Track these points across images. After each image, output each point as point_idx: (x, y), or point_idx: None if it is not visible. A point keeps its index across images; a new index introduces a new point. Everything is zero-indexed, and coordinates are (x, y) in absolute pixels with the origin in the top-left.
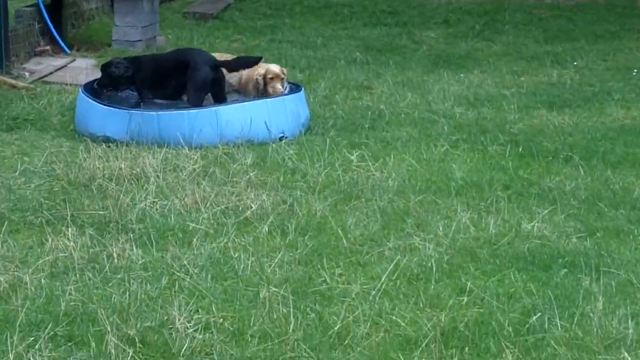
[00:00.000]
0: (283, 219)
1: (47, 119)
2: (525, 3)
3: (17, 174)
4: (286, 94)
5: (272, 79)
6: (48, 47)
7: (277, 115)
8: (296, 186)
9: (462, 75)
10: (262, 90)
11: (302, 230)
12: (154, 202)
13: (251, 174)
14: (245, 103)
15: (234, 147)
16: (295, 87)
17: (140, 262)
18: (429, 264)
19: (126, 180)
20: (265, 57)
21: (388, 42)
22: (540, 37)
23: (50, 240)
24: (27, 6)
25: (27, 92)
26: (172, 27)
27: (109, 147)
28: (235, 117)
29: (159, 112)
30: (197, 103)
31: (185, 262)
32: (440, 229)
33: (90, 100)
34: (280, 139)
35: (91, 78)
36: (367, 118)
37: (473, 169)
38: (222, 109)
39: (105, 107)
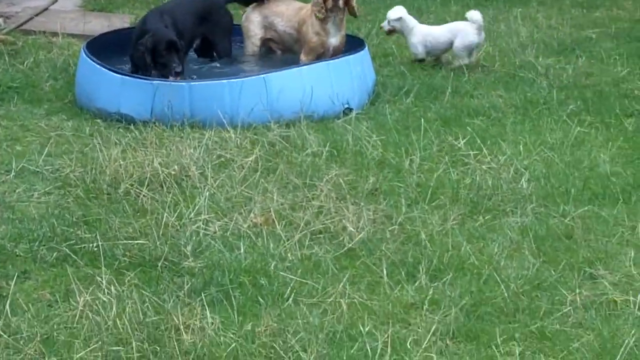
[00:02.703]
0: (402, 250)
1: (37, 86)
2: None
3: (12, 176)
4: (349, 54)
5: None
6: None
7: (341, 81)
8: (395, 191)
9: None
10: (341, 11)
11: (436, 270)
12: (208, 221)
13: (332, 174)
14: (302, 68)
15: (291, 126)
16: (355, 42)
17: (222, 342)
18: None
19: (164, 185)
20: None
21: None
22: None
23: (78, 295)
24: None
25: (6, 46)
26: None
27: (128, 129)
28: (289, 87)
29: (192, 83)
30: (230, 52)
31: (294, 343)
32: (632, 265)
33: (97, 66)
34: (345, 112)
35: (82, 25)
36: (444, 77)
37: (622, 157)
38: (273, 76)
39: (120, 75)
